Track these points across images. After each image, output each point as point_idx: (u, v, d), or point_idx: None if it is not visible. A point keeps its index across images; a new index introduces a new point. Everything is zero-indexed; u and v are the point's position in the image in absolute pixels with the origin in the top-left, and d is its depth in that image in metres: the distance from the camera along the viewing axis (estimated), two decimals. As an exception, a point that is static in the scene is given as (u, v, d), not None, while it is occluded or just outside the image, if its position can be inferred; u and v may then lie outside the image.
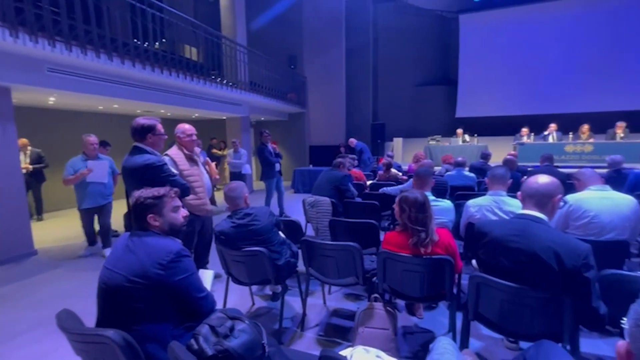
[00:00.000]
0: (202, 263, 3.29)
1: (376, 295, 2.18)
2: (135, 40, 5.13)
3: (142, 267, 1.34)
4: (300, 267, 2.54)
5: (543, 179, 1.56)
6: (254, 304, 2.93)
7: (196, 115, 8.64)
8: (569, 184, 3.02)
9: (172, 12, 5.76)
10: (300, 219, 3.93)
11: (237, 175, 6.53)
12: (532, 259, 1.48)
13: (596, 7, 9.38)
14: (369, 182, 5.44)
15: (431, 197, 2.55)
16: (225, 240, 2.20)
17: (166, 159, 2.68)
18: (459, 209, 2.80)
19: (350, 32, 10.70)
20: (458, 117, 10.96)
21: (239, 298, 3.00)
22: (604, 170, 4.32)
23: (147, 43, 5.31)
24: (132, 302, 1.34)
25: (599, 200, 2.19)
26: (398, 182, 5.07)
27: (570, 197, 2.29)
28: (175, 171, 2.57)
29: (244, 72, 7.95)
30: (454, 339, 2.06)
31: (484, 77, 10.62)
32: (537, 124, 8.70)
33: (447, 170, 4.96)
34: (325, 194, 3.80)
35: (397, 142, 10.44)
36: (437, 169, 6.20)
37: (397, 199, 1.94)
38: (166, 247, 1.42)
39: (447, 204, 2.57)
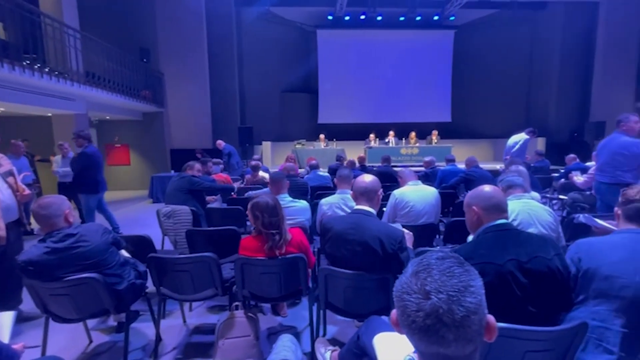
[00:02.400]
0: (12, 303, 2.52)
1: (237, 303, 2.13)
2: None
3: None
4: (151, 287, 2.25)
5: (368, 178, 1.84)
6: (91, 341, 2.42)
7: (1, 109, 6.58)
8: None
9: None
10: (157, 232, 3.51)
11: (68, 187, 5.24)
12: (365, 247, 1.73)
13: (413, 39, 11.87)
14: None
15: (288, 199, 2.68)
16: (36, 271, 1.73)
17: None
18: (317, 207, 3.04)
19: (212, 32, 10.20)
20: (320, 122, 11.98)
21: (69, 339, 2.43)
22: (423, 169, 5.48)
23: None
24: None
25: (414, 192, 2.77)
26: (265, 185, 5.13)
27: (396, 192, 2.81)
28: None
29: (76, 60, 6.52)
30: (312, 329, 2.21)
31: (339, 87, 11.95)
32: (382, 131, 10.40)
33: (307, 173, 5.34)
34: (180, 202, 3.49)
35: (266, 145, 10.61)
36: (302, 171, 6.60)
37: (249, 206, 1.94)
38: None
39: (303, 204, 2.74)
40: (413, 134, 9.84)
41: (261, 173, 5.73)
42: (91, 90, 6.86)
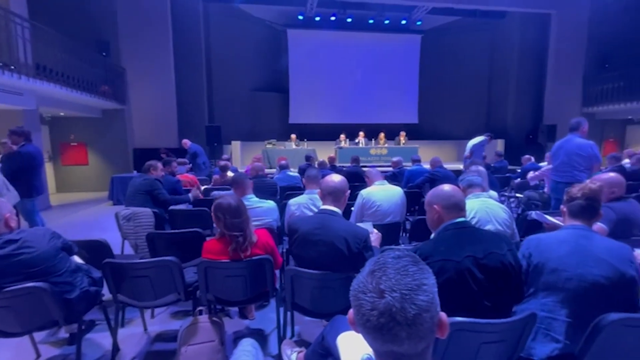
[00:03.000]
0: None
1: (201, 308, 2.06)
2: None
3: None
4: (108, 294, 2.12)
5: (337, 178, 1.85)
6: (39, 356, 2.24)
7: None
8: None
9: None
10: (116, 236, 3.32)
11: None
12: (331, 247, 1.73)
13: (382, 42, 12.12)
14: (203, 187, 5.13)
15: (254, 199, 2.63)
16: (-29, 281, 1.57)
17: None
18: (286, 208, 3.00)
19: (178, 27, 9.80)
20: (291, 122, 11.91)
21: (13, 354, 2.24)
22: (391, 169, 5.60)
23: None
24: None
25: (381, 192, 2.82)
26: (234, 185, 5.00)
27: (364, 192, 2.85)
28: None
29: (24, 52, 6.02)
30: (279, 331, 2.18)
31: (310, 88, 11.95)
32: (352, 131, 10.52)
33: (277, 173, 5.29)
34: (142, 204, 3.32)
35: (235, 145, 10.38)
36: (272, 171, 6.53)
37: (212, 207, 1.88)
38: None
39: (270, 204, 2.70)
40: (382, 134, 10.06)
41: (230, 173, 5.59)
42: (42, 84, 6.36)
